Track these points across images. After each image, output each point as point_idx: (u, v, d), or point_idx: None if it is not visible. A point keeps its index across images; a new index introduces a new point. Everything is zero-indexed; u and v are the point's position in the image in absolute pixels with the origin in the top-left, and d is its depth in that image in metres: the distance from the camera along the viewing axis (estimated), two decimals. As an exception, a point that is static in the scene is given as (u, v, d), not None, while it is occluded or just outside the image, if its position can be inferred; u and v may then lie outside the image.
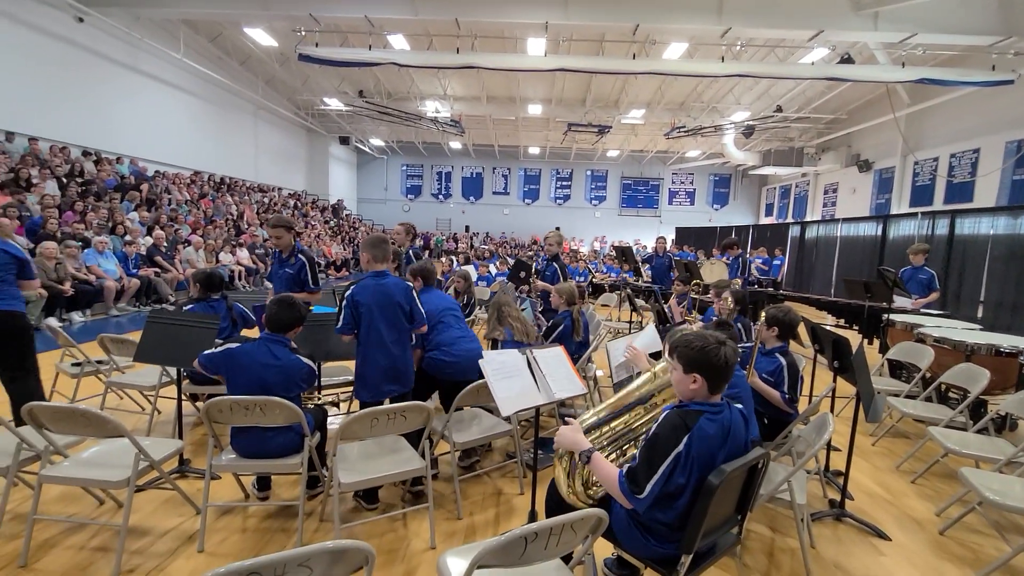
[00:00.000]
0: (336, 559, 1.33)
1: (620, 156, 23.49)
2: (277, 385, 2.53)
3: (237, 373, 2.56)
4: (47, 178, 8.77)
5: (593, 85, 15.13)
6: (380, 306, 2.81)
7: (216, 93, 14.50)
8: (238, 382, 2.55)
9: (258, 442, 2.51)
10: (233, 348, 2.62)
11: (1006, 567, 2.46)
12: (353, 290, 2.79)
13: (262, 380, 2.52)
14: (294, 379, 2.62)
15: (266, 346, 2.61)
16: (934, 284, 5.78)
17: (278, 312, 2.64)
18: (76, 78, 10.19)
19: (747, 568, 2.44)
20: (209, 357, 2.63)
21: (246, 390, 2.49)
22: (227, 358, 2.59)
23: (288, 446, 2.55)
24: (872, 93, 14.18)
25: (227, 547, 2.46)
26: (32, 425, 2.31)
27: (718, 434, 1.67)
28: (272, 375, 2.54)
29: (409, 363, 3.00)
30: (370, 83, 15.81)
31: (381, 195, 25.09)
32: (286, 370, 2.58)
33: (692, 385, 1.69)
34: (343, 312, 2.77)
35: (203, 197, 12.90)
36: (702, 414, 1.68)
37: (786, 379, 2.87)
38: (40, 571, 2.26)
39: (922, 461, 3.54)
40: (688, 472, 1.63)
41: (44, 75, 9.52)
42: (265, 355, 2.58)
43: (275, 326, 2.65)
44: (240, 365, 2.56)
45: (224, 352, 2.61)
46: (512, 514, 2.88)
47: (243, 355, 2.59)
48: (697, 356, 1.67)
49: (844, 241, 12.68)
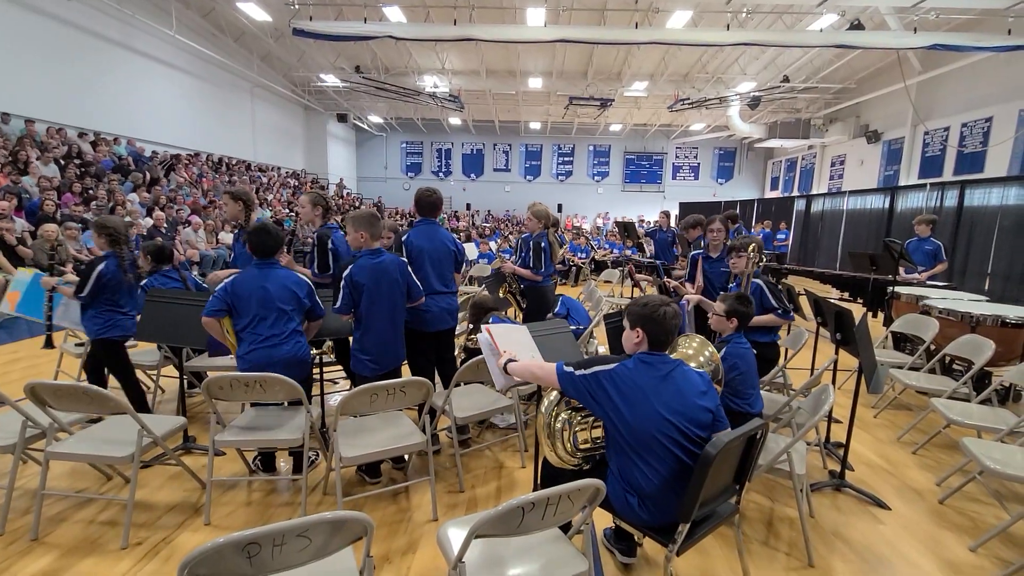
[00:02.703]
0: (335, 530, 1.34)
1: (623, 130, 23.10)
2: (280, 298, 2.70)
3: (241, 302, 2.66)
4: (48, 161, 8.71)
5: (595, 57, 14.78)
6: (379, 284, 2.84)
7: (211, 71, 14.26)
8: (245, 308, 2.67)
9: (266, 354, 2.64)
10: (227, 283, 2.68)
11: (1004, 535, 2.48)
12: (351, 270, 2.79)
13: (265, 297, 2.67)
14: (293, 290, 2.76)
15: (258, 270, 2.73)
16: (940, 255, 5.70)
17: (258, 240, 2.74)
18: (69, 58, 10.02)
19: (746, 537, 2.46)
20: (210, 305, 2.65)
21: (255, 312, 2.65)
22: (227, 294, 2.66)
23: (297, 353, 2.73)
24: (882, 61, 13.80)
25: (232, 520, 2.50)
26: (35, 403, 2.33)
27: (649, 376, 1.81)
28: (274, 288, 2.70)
29: (403, 337, 3.06)
30: (367, 58, 15.49)
31: (381, 173, 24.84)
32: (282, 280, 2.74)
33: (636, 339, 1.90)
34: (342, 292, 2.78)
35: (202, 177, 12.81)
36: (632, 358, 1.88)
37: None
38: (50, 544, 2.31)
39: (923, 433, 3.54)
40: (611, 392, 1.80)
41: (37, 55, 9.36)
42: (260, 278, 2.71)
43: (260, 253, 2.75)
44: (240, 295, 2.66)
45: (221, 291, 2.66)
46: (514, 487, 2.91)
47: (240, 285, 2.68)
48: (641, 312, 1.88)
49: (850, 214, 12.53)
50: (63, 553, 2.25)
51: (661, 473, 1.76)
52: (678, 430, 1.76)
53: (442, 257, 3.30)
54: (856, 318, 2.86)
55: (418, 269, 3.19)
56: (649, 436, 1.76)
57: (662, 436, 1.75)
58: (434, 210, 3.34)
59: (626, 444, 1.80)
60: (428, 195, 3.31)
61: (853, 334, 2.81)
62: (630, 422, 1.77)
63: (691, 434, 1.78)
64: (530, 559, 1.66)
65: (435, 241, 3.28)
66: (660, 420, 1.75)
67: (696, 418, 1.79)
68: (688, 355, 2.23)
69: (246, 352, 2.67)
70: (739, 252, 3.28)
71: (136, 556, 2.24)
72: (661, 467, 1.77)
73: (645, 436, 1.76)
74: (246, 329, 2.68)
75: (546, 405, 2.03)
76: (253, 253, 2.76)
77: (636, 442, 1.78)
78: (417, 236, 3.23)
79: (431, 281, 3.25)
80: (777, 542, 2.44)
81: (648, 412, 1.76)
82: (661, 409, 1.76)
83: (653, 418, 1.75)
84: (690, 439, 1.78)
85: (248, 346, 2.67)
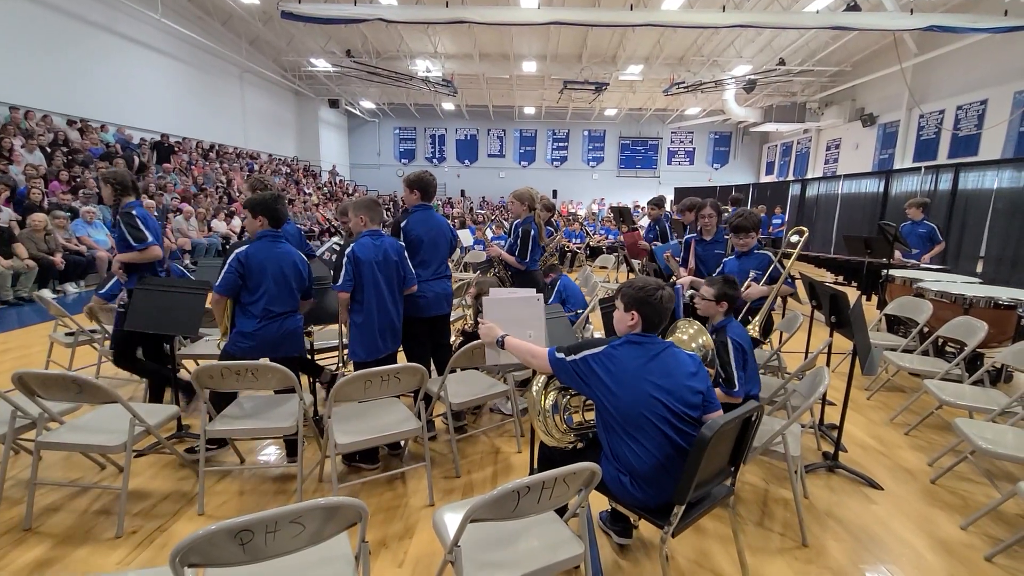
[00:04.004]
0: (329, 516, 1.33)
1: (618, 115, 22.91)
2: (290, 273, 2.71)
3: (254, 275, 2.63)
4: (33, 149, 8.55)
5: (589, 40, 14.58)
6: (380, 264, 2.84)
7: (199, 56, 13.97)
8: (257, 282, 2.64)
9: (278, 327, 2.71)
10: (239, 254, 2.63)
11: (995, 513, 2.51)
12: (354, 247, 2.79)
13: (279, 271, 2.67)
14: (299, 267, 2.77)
15: (271, 243, 2.71)
16: (936, 237, 5.71)
17: (273, 209, 2.73)
18: (52, 42, 9.77)
19: (740, 518, 2.48)
20: (224, 280, 2.61)
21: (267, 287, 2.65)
22: (240, 266, 2.61)
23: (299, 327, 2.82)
24: (878, 43, 13.70)
25: (226, 510, 2.50)
26: (23, 392, 2.30)
27: (638, 356, 1.83)
28: (286, 263, 2.70)
29: (401, 321, 3.04)
30: (357, 42, 15.21)
31: (374, 160, 24.56)
32: (291, 255, 2.76)
33: (630, 322, 1.89)
34: (344, 268, 2.76)
35: (192, 165, 12.63)
36: (622, 342, 1.88)
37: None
38: (44, 534, 2.29)
39: (916, 414, 3.57)
40: (600, 374, 1.81)
41: (19, 40, 9.12)
42: (273, 251, 2.69)
43: (275, 222, 2.74)
44: (254, 268, 2.63)
45: (235, 262, 2.61)
46: (510, 472, 2.92)
47: (254, 257, 2.64)
48: (636, 295, 1.87)
49: (845, 198, 12.51)
50: (57, 542, 2.24)
51: (652, 452, 1.77)
52: (667, 408, 1.77)
53: (440, 243, 3.31)
54: (851, 301, 2.86)
55: (417, 254, 3.19)
56: (638, 415, 1.77)
57: (651, 415, 1.76)
58: (432, 195, 3.34)
59: (616, 424, 1.81)
60: (429, 178, 3.28)
61: (848, 317, 2.82)
62: (619, 402, 1.79)
63: (681, 413, 1.78)
64: (526, 542, 1.66)
65: (433, 227, 3.27)
66: (648, 399, 1.76)
67: (685, 398, 1.80)
68: (683, 340, 2.22)
69: (255, 328, 2.65)
70: (747, 232, 3.30)
71: (131, 545, 2.23)
72: (651, 446, 1.77)
73: (634, 415, 1.77)
74: (256, 303, 2.64)
75: (535, 389, 2.04)
76: (270, 223, 2.73)
77: (625, 421, 1.79)
78: (416, 222, 3.22)
79: (429, 266, 3.24)
80: (771, 523, 2.46)
81: (636, 391, 1.78)
82: (649, 388, 1.77)
83: (641, 397, 1.77)
84: (680, 418, 1.78)
85: (258, 322, 2.65)
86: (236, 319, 2.73)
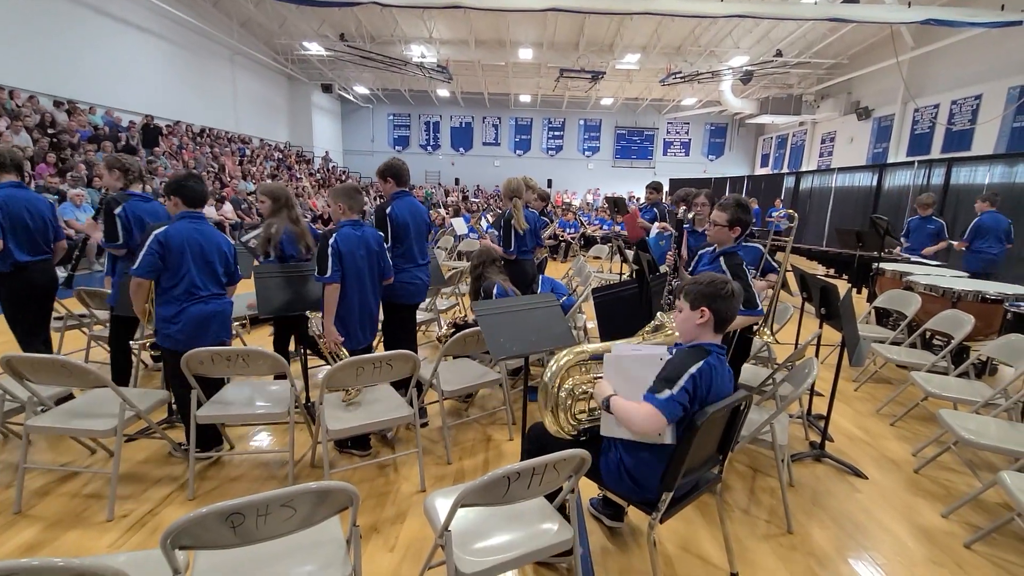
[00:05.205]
0: (320, 500, 1.34)
1: (614, 105, 22.78)
2: (213, 254, 2.62)
3: (174, 256, 2.50)
4: (18, 130, 8.37)
5: (586, 27, 14.45)
6: (362, 255, 2.82)
7: (190, 37, 13.70)
8: (177, 264, 2.50)
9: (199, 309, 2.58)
10: (158, 235, 2.47)
11: (975, 501, 2.57)
12: (336, 238, 2.74)
13: (200, 251, 2.57)
14: (223, 249, 2.69)
15: (190, 223, 2.59)
16: (943, 234, 5.74)
17: (190, 188, 2.61)
18: (37, 21, 9.54)
19: (727, 505, 2.52)
20: (143, 262, 2.46)
21: (188, 268, 2.53)
22: (160, 247, 2.46)
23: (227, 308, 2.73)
24: (875, 36, 13.67)
25: (217, 495, 2.50)
26: (11, 376, 2.28)
27: (719, 372, 1.73)
28: (207, 243, 2.60)
29: (378, 311, 3.07)
30: (351, 25, 14.97)
31: (368, 146, 24.31)
32: (213, 236, 2.66)
33: (700, 320, 1.74)
34: (330, 260, 2.71)
35: (183, 149, 12.45)
36: (710, 353, 1.73)
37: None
38: (35, 517, 2.29)
39: (902, 405, 3.63)
40: (693, 396, 1.65)
41: (3, 19, 8.89)
42: (193, 230, 2.58)
43: (192, 202, 2.64)
44: (173, 248, 2.49)
45: (154, 243, 2.46)
46: (501, 459, 2.94)
47: (173, 237, 2.50)
48: (705, 291, 1.73)
49: (839, 191, 12.58)
50: (48, 525, 2.23)
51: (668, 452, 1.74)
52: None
53: (422, 229, 3.34)
54: (840, 293, 2.89)
55: (405, 240, 3.18)
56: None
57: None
58: (407, 180, 3.34)
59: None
60: (399, 163, 3.27)
61: (837, 309, 2.84)
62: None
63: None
64: (516, 528, 1.68)
65: (415, 213, 3.28)
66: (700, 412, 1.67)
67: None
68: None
69: (175, 313, 2.52)
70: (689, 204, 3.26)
71: (122, 528, 2.24)
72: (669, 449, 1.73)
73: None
74: (178, 286, 2.52)
75: (550, 374, 1.95)
76: (184, 203, 2.61)
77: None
78: (401, 209, 3.20)
79: (414, 253, 3.25)
80: (758, 510, 2.50)
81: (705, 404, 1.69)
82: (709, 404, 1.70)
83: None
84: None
85: (179, 305, 2.53)
86: (158, 307, 2.58)
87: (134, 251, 2.93)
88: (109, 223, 3.01)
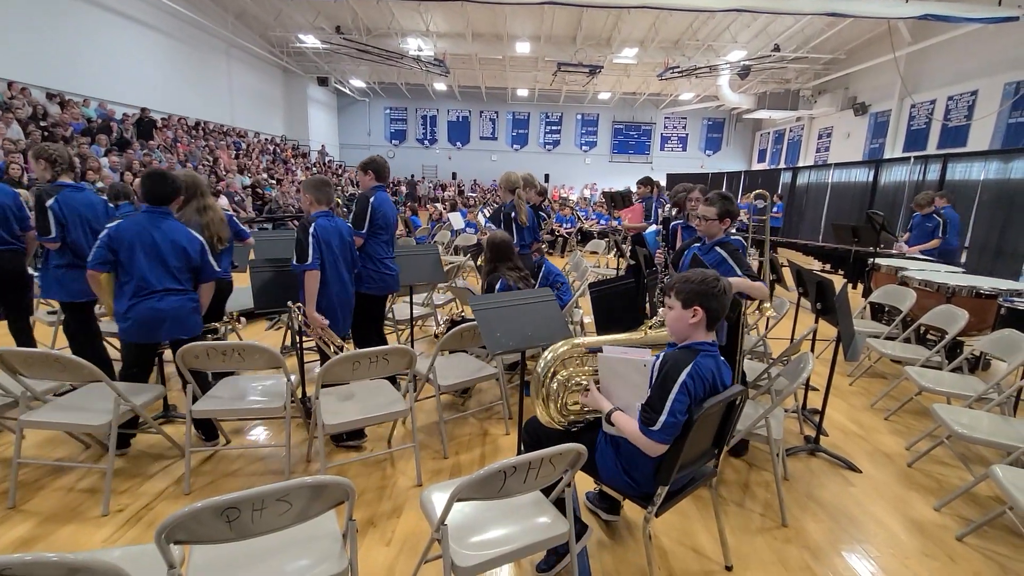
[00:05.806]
0: (316, 494, 1.34)
1: (612, 99, 22.72)
2: (168, 252, 2.55)
3: (124, 250, 2.47)
4: (10, 122, 8.28)
5: (584, 21, 14.38)
6: (337, 245, 2.90)
7: (184, 29, 13.57)
8: (128, 258, 2.47)
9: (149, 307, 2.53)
10: (110, 229, 2.46)
11: (968, 495, 2.59)
12: (315, 227, 2.78)
13: (152, 248, 2.51)
14: (184, 246, 2.60)
15: (147, 217, 2.55)
16: (938, 232, 5.76)
17: (151, 184, 2.57)
18: (31, 13, 9.42)
19: (722, 498, 2.53)
20: (93, 254, 2.47)
21: (139, 264, 2.48)
22: (111, 240, 2.45)
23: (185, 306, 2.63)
24: (873, 31, 13.65)
25: (213, 489, 2.49)
26: (5, 370, 2.27)
27: (712, 372, 1.72)
28: (162, 240, 2.54)
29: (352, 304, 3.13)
30: (347, 18, 14.85)
31: (364, 140, 24.19)
32: (171, 233, 2.57)
33: (692, 319, 1.72)
34: (311, 247, 2.73)
35: (178, 142, 12.35)
36: (699, 352, 1.71)
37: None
38: (29, 512, 2.28)
39: (896, 400, 3.65)
40: (687, 403, 1.65)
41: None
42: (148, 226, 2.53)
43: (152, 199, 2.58)
44: (124, 242, 2.47)
45: (105, 237, 2.45)
46: (498, 453, 2.95)
47: (125, 231, 2.48)
48: (697, 288, 1.72)
49: (835, 187, 12.58)
50: (42, 520, 2.23)
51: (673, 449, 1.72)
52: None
53: (395, 222, 3.46)
54: (836, 288, 2.89)
55: (385, 232, 3.31)
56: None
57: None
58: (387, 177, 3.43)
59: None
60: (382, 160, 3.38)
61: (833, 304, 2.85)
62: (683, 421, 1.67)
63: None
64: (512, 522, 1.69)
65: (392, 208, 3.40)
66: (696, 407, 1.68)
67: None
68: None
69: (126, 309, 2.50)
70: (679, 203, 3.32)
71: (117, 523, 2.23)
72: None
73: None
74: (130, 281, 2.50)
75: (542, 364, 1.97)
76: (145, 199, 2.57)
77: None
78: (383, 201, 3.30)
79: (391, 246, 3.39)
80: (753, 504, 2.52)
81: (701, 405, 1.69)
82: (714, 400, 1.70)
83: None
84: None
85: (128, 300, 2.50)
86: (115, 300, 2.57)
87: (69, 244, 2.97)
88: (41, 216, 2.92)
